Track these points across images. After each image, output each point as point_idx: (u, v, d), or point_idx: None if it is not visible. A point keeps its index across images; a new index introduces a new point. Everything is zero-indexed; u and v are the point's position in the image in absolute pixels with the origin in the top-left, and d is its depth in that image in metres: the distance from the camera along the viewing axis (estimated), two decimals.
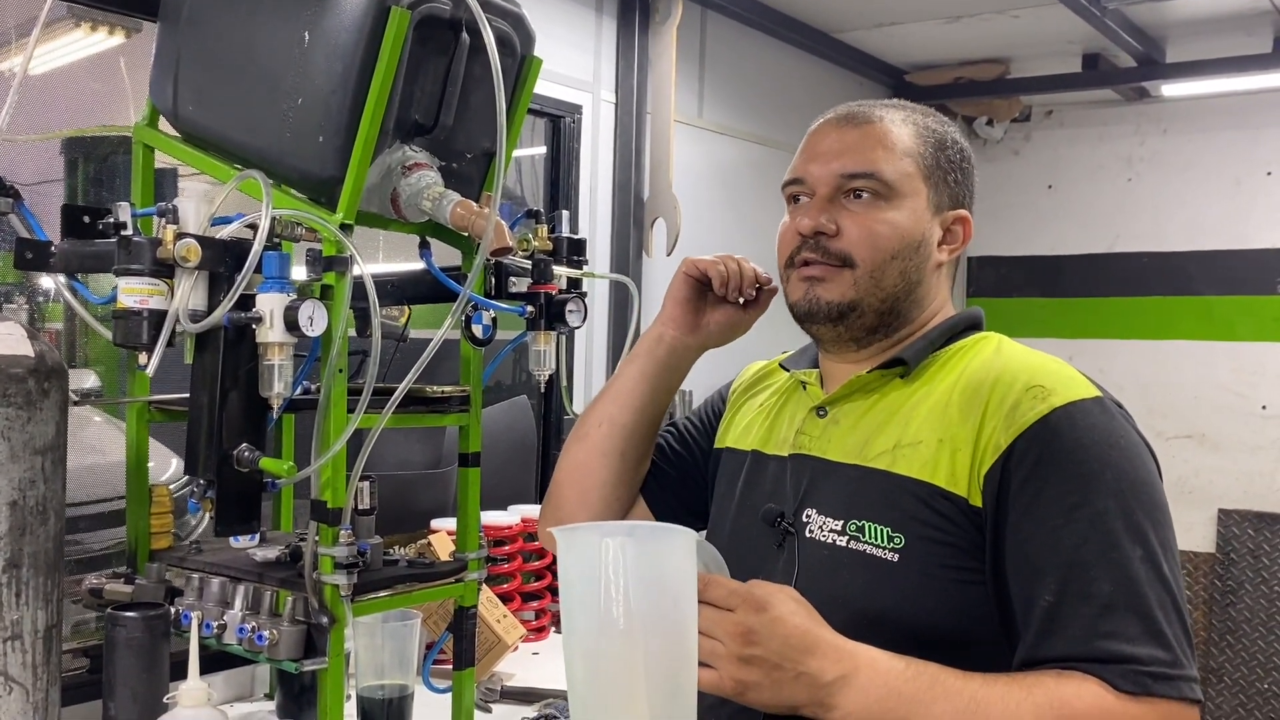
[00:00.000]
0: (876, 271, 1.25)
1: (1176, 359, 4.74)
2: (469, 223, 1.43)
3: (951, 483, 1.16)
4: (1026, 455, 1.13)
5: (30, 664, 1.32)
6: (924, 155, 1.28)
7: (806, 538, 1.26)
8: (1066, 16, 3.48)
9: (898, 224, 1.25)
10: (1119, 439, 1.14)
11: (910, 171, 1.27)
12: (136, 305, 1.33)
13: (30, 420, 1.31)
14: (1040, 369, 1.19)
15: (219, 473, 1.38)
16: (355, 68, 1.38)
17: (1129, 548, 1.09)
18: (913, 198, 1.26)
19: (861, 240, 1.25)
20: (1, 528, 1.29)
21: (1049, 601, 1.09)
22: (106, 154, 2.31)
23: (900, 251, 1.25)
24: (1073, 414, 1.14)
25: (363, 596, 1.46)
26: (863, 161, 1.26)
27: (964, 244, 1.33)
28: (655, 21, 3.11)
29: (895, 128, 1.28)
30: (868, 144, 1.27)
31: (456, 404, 1.63)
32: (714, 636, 1.03)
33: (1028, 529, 1.12)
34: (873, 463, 1.23)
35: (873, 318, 1.27)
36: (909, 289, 1.28)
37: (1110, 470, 1.11)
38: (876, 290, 1.26)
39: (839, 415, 1.31)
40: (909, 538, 1.16)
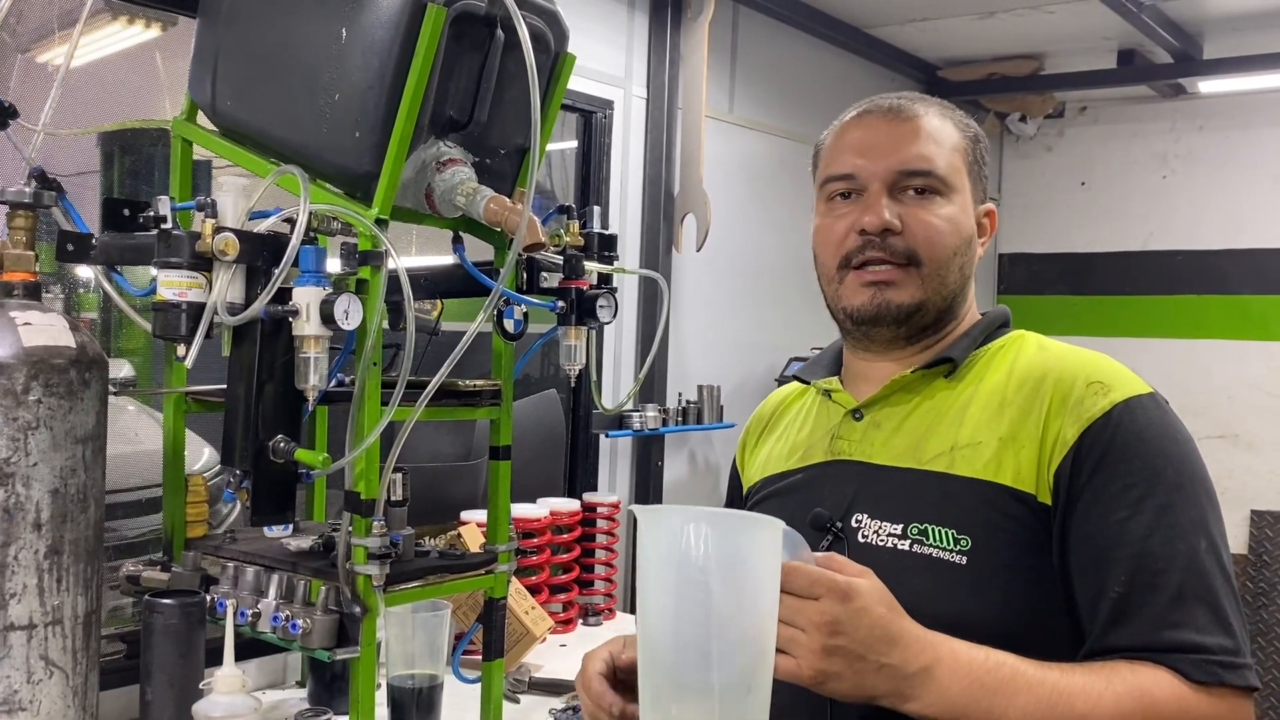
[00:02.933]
0: (941, 269, 1.24)
1: (1210, 358, 4.70)
2: (502, 218, 1.44)
3: (1019, 480, 1.15)
4: (1094, 449, 1.13)
5: (70, 649, 1.35)
6: (967, 150, 1.27)
7: (859, 542, 1.22)
8: (1102, 12, 3.45)
9: (955, 220, 1.24)
10: (1176, 433, 1.15)
11: (959, 166, 1.26)
12: (175, 298, 1.35)
13: (72, 410, 1.34)
14: (1095, 365, 1.20)
15: (255, 463, 1.40)
16: (392, 64, 1.40)
17: (1194, 538, 1.09)
18: (962, 192, 1.26)
19: (926, 238, 1.22)
20: (44, 515, 1.31)
21: (1119, 592, 1.09)
22: (143, 146, 2.34)
23: (959, 248, 1.25)
24: (1133, 408, 1.14)
25: (394, 587, 1.47)
26: (920, 157, 1.23)
27: (991, 236, 1.33)
28: (688, 17, 3.11)
29: (940, 122, 1.27)
30: (922, 139, 1.24)
31: (488, 398, 1.64)
32: (796, 625, 0.99)
33: (1095, 521, 1.12)
34: (929, 465, 1.20)
35: (933, 316, 1.26)
36: (964, 284, 1.28)
37: (1171, 464, 1.12)
38: (941, 289, 1.24)
39: (879, 418, 1.28)
40: (975, 540, 1.15)
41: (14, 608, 1.30)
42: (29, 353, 1.30)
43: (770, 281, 3.69)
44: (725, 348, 3.51)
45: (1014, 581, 1.14)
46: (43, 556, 1.31)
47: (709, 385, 3.31)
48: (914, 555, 1.18)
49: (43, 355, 1.31)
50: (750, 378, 3.59)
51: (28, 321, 1.33)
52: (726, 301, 3.54)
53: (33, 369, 1.30)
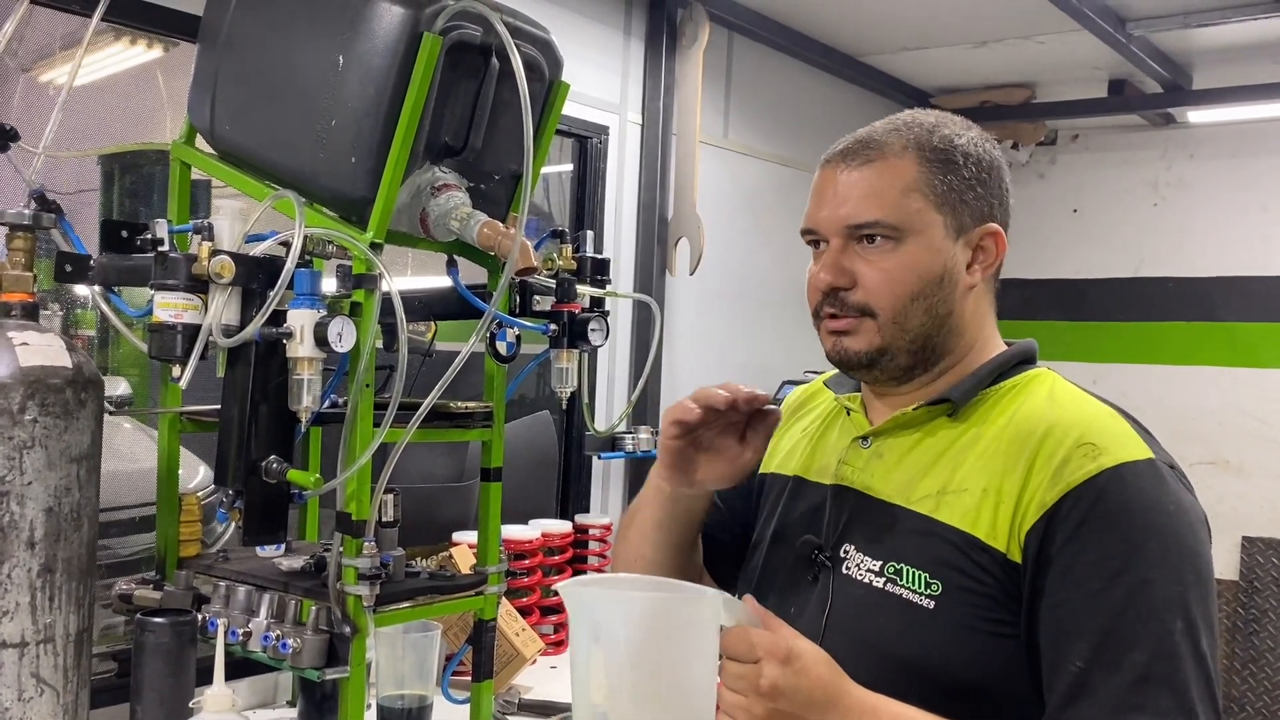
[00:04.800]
0: (899, 317, 1.21)
1: (1200, 385, 4.72)
2: (495, 243, 1.47)
3: (991, 536, 1.13)
4: (1071, 515, 1.09)
5: (61, 667, 1.36)
6: (932, 184, 1.21)
7: (843, 574, 1.23)
8: (1092, 43, 3.49)
9: (913, 264, 1.20)
10: (1168, 505, 1.10)
11: (917, 207, 1.20)
12: (171, 319, 1.37)
13: (67, 429, 1.35)
14: (1093, 424, 1.15)
15: (247, 483, 1.42)
16: (388, 91, 1.42)
17: (1169, 619, 1.05)
18: (926, 232, 1.21)
19: (878, 288, 1.20)
20: (37, 533, 1.33)
21: (1079, 667, 1.06)
22: (143, 165, 2.36)
23: (921, 291, 1.20)
24: (1123, 476, 1.10)
25: (385, 607, 1.48)
26: (866, 209, 1.20)
27: (998, 258, 1.26)
28: (682, 44, 3.15)
29: (898, 160, 1.21)
30: (869, 188, 1.21)
31: (480, 419, 1.66)
32: (737, 690, 1.01)
33: (1065, 591, 1.09)
34: (916, 505, 1.19)
35: (905, 358, 1.23)
36: (939, 323, 1.22)
37: (1157, 538, 1.08)
38: (902, 334, 1.21)
39: (882, 448, 1.27)
40: (946, 586, 1.14)
41: (6, 625, 1.31)
42: (25, 372, 1.32)
43: (763, 305, 3.72)
44: (718, 371, 3.52)
45: (980, 632, 1.12)
46: (35, 575, 1.33)
47: None
48: (886, 594, 1.18)
49: (39, 375, 1.33)
50: None
51: (25, 341, 1.34)
52: (719, 325, 3.56)
53: (29, 388, 1.31)
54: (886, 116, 1.29)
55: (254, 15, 1.58)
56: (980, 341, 1.27)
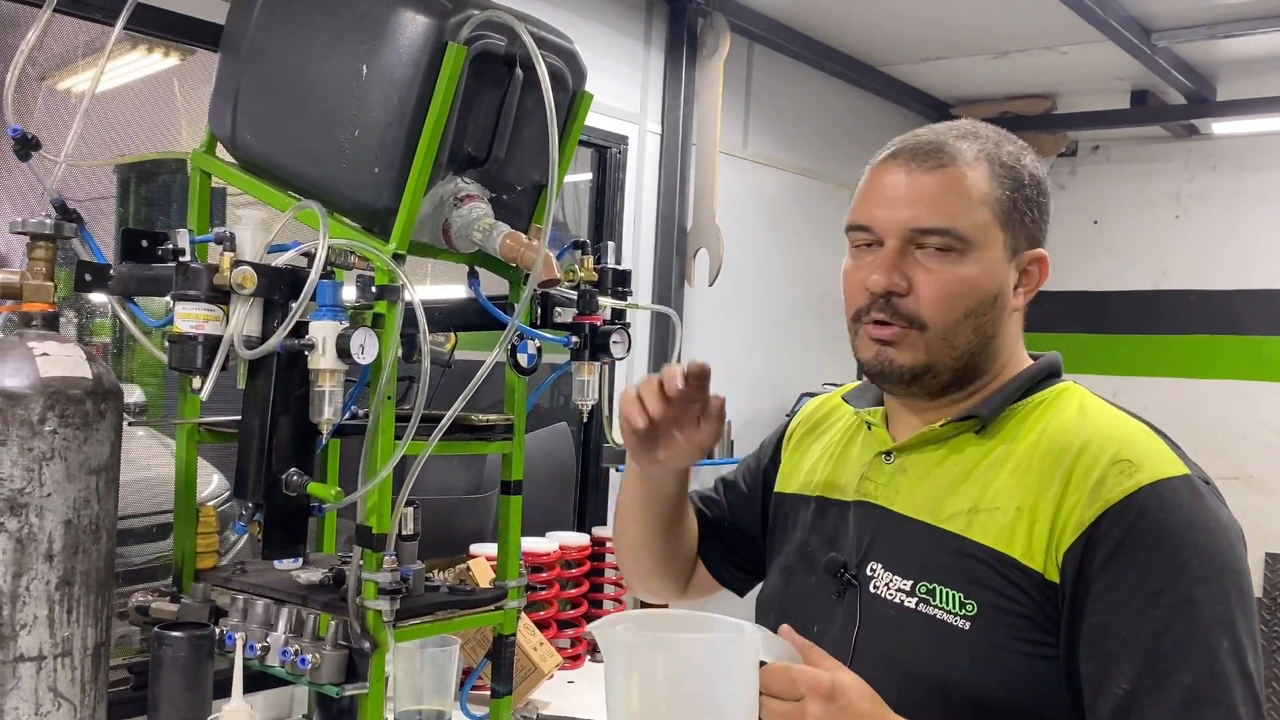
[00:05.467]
0: (949, 333, 1.17)
1: (1223, 399, 4.67)
2: (518, 254, 1.45)
3: (1028, 556, 1.10)
4: (1110, 534, 1.07)
5: (79, 680, 1.34)
6: (1001, 200, 1.17)
7: (870, 593, 1.20)
8: (1116, 53, 3.47)
9: (973, 280, 1.16)
10: (1207, 522, 1.07)
11: (986, 221, 1.16)
12: (192, 330, 1.36)
13: (86, 441, 1.34)
14: (1128, 440, 1.12)
15: (268, 497, 1.40)
16: (412, 101, 1.41)
17: (1214, 638, 1.03)
18: (989, 248, 1.16)
19: (935, 300, 1.16)
20: (56, 546, 1.31)
21: (1124, 689, 1.04)
22: (160, 173, 2.36)
23: (975, 309, 1.16)
24: (1160, 493, 1.07)
25: (404, 622, 1.47)
26: (937, 215, 1.15)
27: (1040, 283, 1.22)
28: (703, 55, 3.13)
29: (971, 170, 1.17)
30: (942, 193, 1.16)
31: (500, 432, 1.65)
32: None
33: (1106, 612, 1.07)
34: (946, 524, 1.16)
35: (948, 375, 1.19)
36: (984, 344, 1.19)
37: (1198, 555, 1.05)
38: (949, 351, 1.17)
39: (907, 464, 1.24)
40: (981, 606, 1.11)
41: (24, 639, 1.30)
42: (46, 383, 1.31)
43: (782, 317, 3.69)
44: (736, 382, 3.50)
45: (1016, 653, 1.10)
46: (54, 588, 1.31)
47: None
48: (920, 614, 1.15)
49: (59, 386, 1.32)
50: (761, 412, 3.58)
51: (45, 352, 1.33)
52: (738, 336, 3.54)
53: (49, 399, 1.30)
54: (922, 126, 1.25)
55: (277, 24, 1.58)
56: (1012, 362, 1.24)
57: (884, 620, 1.19)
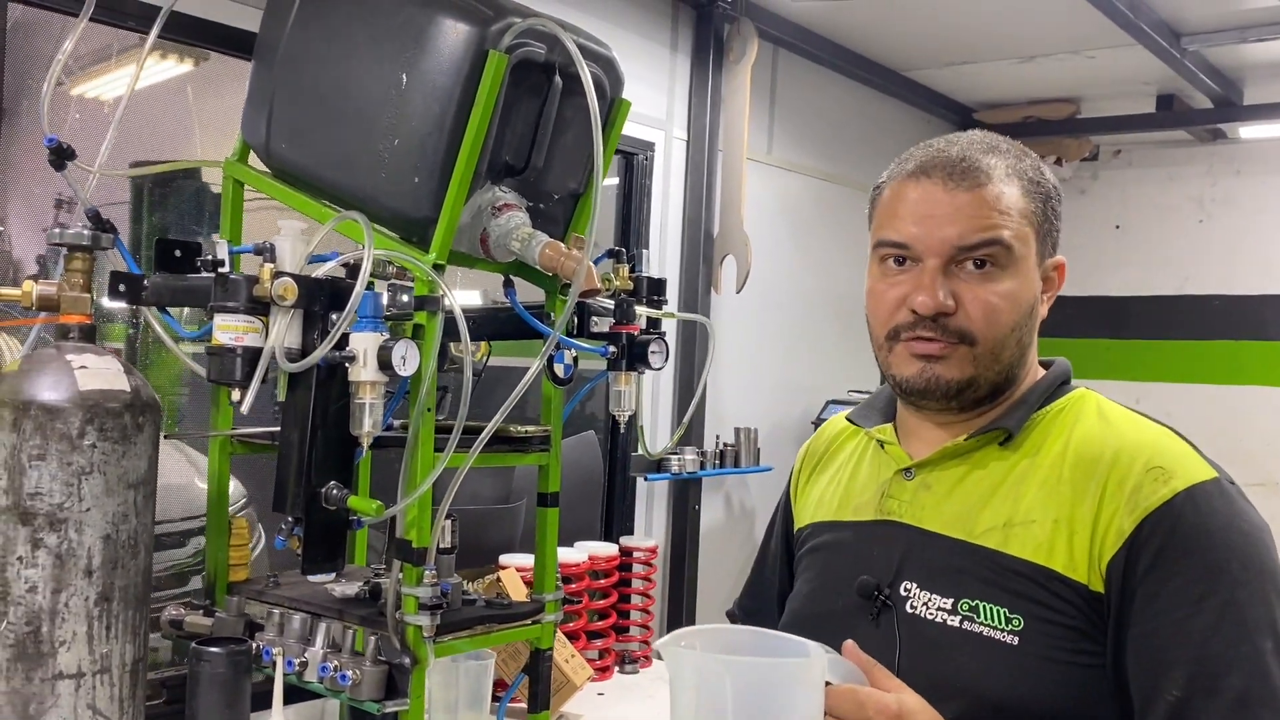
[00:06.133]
0: (996, 347, 1.17)
1: (1247, 405, 4.63)
2: (558, 264, 1.43)
3: (1070, 568, 1.10)
4: (1150, 542, 1.08)
5: (118, 698, 1.32)
6: (1035, 213, 1.18)
7: (908, 613, 1.19)
8: (1144, 57, 3.44)
9: (1015, 295, 1.17)
10: (1242, 524, 1.09)
11: (1024, 234, 1.17)
12: (232, 342, 1.35)
13: (125, 455, 1.32)
14: (1158, 447, 1.13)
15: (308, 511, 1.38)
16: (452, 110, 1.39)
17: (1260, 639, 1.04)
18: (1026, 259, 1.17)
19: (982, 317, 1.16)
20: (95, 561, 1.29)
21: (1176, 696, 1.04)
22: (171, 180, 2.34)
23: (1018, 322, 1.17)
24: (1195, 498, 1.08)
25: (443, 637, 1.45)
26: (983, 229, 1.15)
27: (1059, 289, 1.25)
28: (729, 60, 3.12)
29: (1006, 186, 1.17)
30: (985, 210, 1.15)
31: (537, 443, 1.62)
32: None
33: (1152, 620, 1.07)
34: (981, 540, 1.16)
35: (988, 389, 1.20)
36: (1022, 354, 1.20)
37: (1236, 558, 1.07)
38: (994, 364, 1.18)
39: (930, 480, 1.24)
40: (1027, 620, 1.11)
41: (63, 656, 1.28)
42: (84, 396, 1.29)
43: (807, 323, 3.67)
44: (763, 390, 3.48)
45: (1065, 664, 1.10)
46: (93, 604, 1.29)
47: (746, 428, 3.28)
48: (965, 633, 1.14)
49: (98, 399, 1.30)
50: (787, 420, 3.56)
51: (83, 365, 1.31)
52: (764, 343, 3.51)
53: (88, 413, 1.29)
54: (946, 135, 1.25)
55: (312, 32, 1.56)
56: (1031, 371, 1.25)
57: (926, 640, 1.17)
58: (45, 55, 2.00)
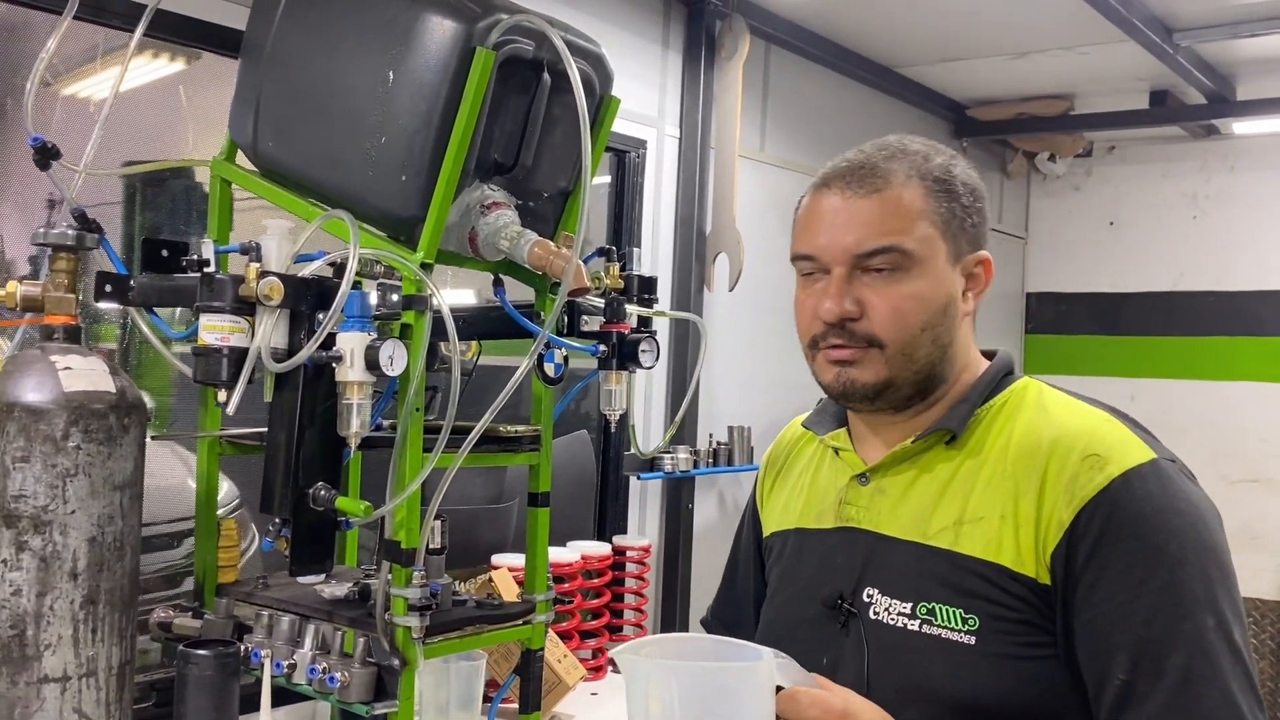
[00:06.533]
0: (907, 348, 1.19)
1: (1242, 401, 4.63)
2: (547, 263, 1.42)
3: (1018, 562, 1.12)
4: (1089, 530, 1.09)
5: (104, 701, 1.31)
6: (938, 211, 1.19)
7: (871, 619, 1.21)
8: (1137, 53, 3.43)
9: (923, 294, 1.18)
10: (1179, 504, 1.10)
11: (926, 234, 1.18)
12: (218, 343, 1.33)
13: (110, 456, 1.31)
14: (1094, 433, 1.14)
15: (295, 512, 1.37)
16: (439, 107, 1.38)
17: (1201, 617, 1.06)
18: (933, 260, 1.19)
19: (888, 319, 1.18)
20: (80, 564, 1.28)
21: (1122, 679, 1.07)
22: (165, 178, 2.33)
23: (929, 321, 1.19)
24: (1131, 482, 1.10)
25: (433, 638, 1.44)
26: (880, 234, 1.18)
27: (987, 284, 1.25)
28: (721, 57, 3.11)
29: (904, 189, 1.19)
30: (881, 214, 1.18)
31: (527, 443, 1.62)
32: None
33: (1095, 606, 1.09)
34: (934, 540, 1.18)
35: (910, 389, 1.21)
36: (942, 352, 1.21)
37: (1174, 539, 1.08)
38: (910, 365, 1.19)
39: (884, 485, 1.25)
40: (982, 619, 1.13)
41: (48, 659, 1.27)
42: (69, 398, 1.28)
43: None
44: (756, 388, 3.47)
45: (1023, 659, 1.11)
46: (79, 607, 1.28)
47: (739, 426, 3.27)
48: (923, 636, 1.16)
49: (83, 400, 1.29)
50: (781, 418, 3.52)
51: (68, 366, 1.30)
52: (757, 341, 3.50)
53: (73, 414, 1.28)
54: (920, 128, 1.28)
55: (299, 30, 1.55)
56: (970, 368, 1.26)
57: (889, 646, 1.19)
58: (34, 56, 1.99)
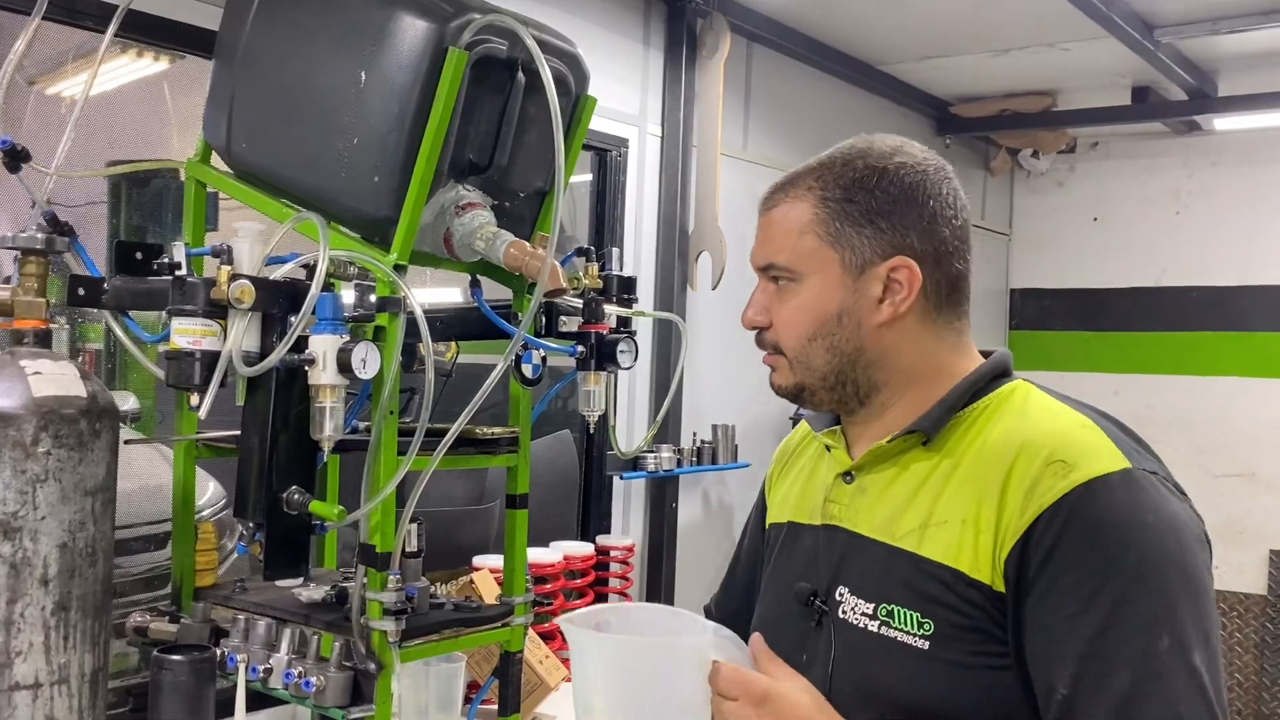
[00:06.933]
0: (801, 356, 1.22)
1: (1226, 396, 4.65)
2: (523, 263, 1.42)
3: (975, 568, 1.09)
4: (1045, 538, 1.06)
5: (77, 708, 1.30)
6: (827, 220, 1.19)
7: (839, 618, 1.20)
8: (1118, 50, 3.44)
9: (805, 306, 1.21)
10: (1144, 516, 1.05)
11: (811, 247, 1.20)
12: (190, 346, 1.32)
13: (81, 461, 1.30)
14: (1064, 439, 1.11)
15: (269, 516, 1.36)
16: (412, 108, 1.37)
17: (1153, 637, 1.01)
18: (819, 272, 1.20)
19: (783, 329, 1.23)
20: (51, 570, 1.27)
21: (1064, 694, 1.03)
22: (151, 179, 2.32)
23: (817, 330, 1.20)
24: (1094, 490, 1.05)
25: (410, 641, 1.43)
26: (764, 253, 1.24)
27: (912, 290, 1.18)
28: (702, 55, 3.10)
29: (794, 205, 1.22)
30: (768, 233, 1.24)
31: (505, 445, 1.61)
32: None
33: (1045, 616, 1.05)
34: (900, 542, 1.16)
35: (825, 394, 1.23)
36: (850, 360, 1.20)
37: (1133, 551, 1.04)
38: (809, 372, 1.22)
39: (865, 484, 1.24)
40: (938, 624, 1.10)
41: (19, 666, 1.26)
42: (39, 403, 1.27)
43: None
44: (740, 387, 3.47)
45: (976, 668, 1.09)
46: (49, 613, 1.27)
47: (723, 425, 3.27)
48: (881, 638, 1.14)
49: (53, 405, 1.28)
50: (764, 416, 3.55)
51: (38, 371, 1.29)
52: (741, 340, 3.48)
53: (42, 419, 1.26)
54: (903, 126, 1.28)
55: (272, 31, 1.54)
56: (937, 369, 1.21)
57: (851, 646, 1.18)
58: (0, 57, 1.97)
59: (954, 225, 1.20)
